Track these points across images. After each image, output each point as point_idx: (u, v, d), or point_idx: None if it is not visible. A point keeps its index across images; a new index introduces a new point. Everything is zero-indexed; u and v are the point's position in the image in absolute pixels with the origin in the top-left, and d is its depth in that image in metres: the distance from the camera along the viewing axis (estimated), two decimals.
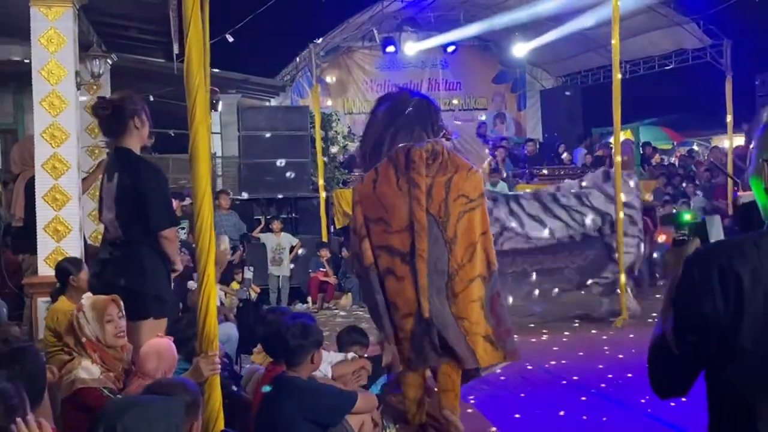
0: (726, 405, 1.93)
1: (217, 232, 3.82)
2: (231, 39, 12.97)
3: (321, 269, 12.07)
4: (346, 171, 14.78)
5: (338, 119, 16.45)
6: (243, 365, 6.58)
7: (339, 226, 13.14)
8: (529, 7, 15.18)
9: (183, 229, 9.92)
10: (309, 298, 12.15)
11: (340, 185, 14.01)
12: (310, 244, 12.45)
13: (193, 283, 5.83)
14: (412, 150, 5.91)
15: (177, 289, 6.17)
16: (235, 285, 10.38)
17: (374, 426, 4.82)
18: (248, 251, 11.87)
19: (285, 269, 12.23)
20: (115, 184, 4.43)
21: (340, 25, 16.38)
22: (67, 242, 6.55)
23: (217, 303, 4.33)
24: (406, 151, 5.96)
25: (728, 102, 14.34)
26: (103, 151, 9.01)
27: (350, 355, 5.52)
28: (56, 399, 3.74)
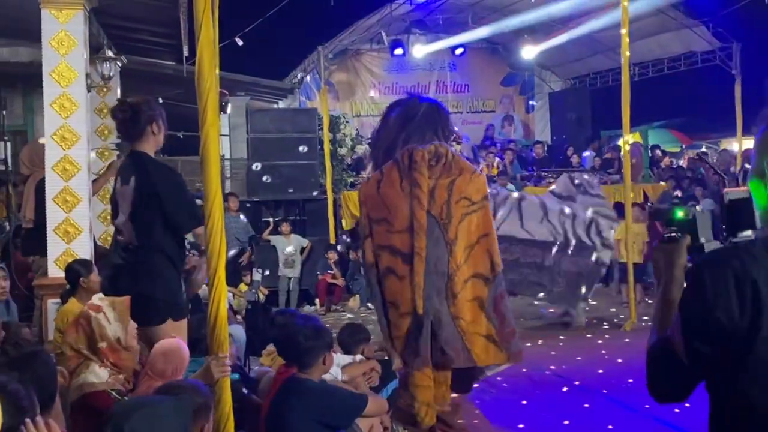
0: (730, 409, 1.89)
1: (226, 235, 3.80)
2: (240, 42, 13.00)
3: (329, 271, 12.08)
4: (354, 173, 14.78)
5: (346, 121, 16.46)
6: (251, 367, 6.58)
7: (347, 228, 13.16)
8: (538, 9, 15.17)
9: None
10: (317, 300, 12.15)
11: (348, 187, 14.01)
12: (318, 246, 12.46)
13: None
14: (414, 151, 5.98)
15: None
16: (243, 287, 10.39)
17: (383, 430, 4.82)
18: (257, 253, 11.89)
19: (297, 271, 12.25)
20: (132, 188, 4.42)
21: (349, 27, 16.39)
22: (78, 244, 6.56)
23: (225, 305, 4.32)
24: (410, 153, 5.99)
25: (737, 105, 14.30)
26: (113, 153, 9.04)
27: (358, 357, 5.52)
28: (65, 403, 3.73)
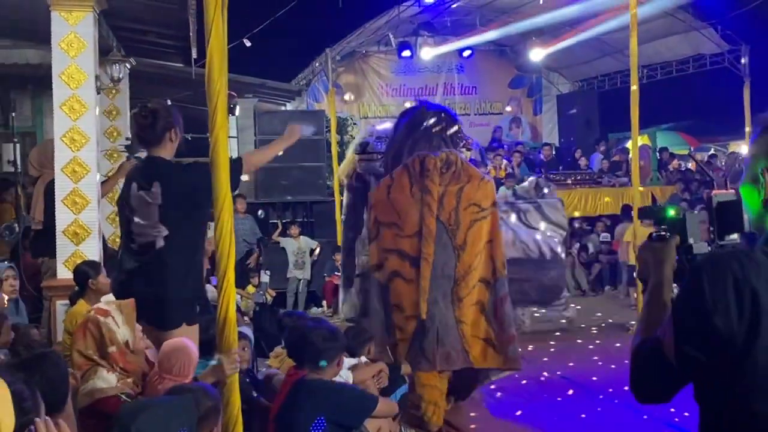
0: (728, 418, 1.86)
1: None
2: (248, 43, 13.03)
3: (336, 273, 12.07)
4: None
5: (354, 123, 16.47)
6: (258, 369, 6.60)
7: None
8: (546, 11, 15.16)
9: None
10: (324, 302, 12.16)
11: None
12: (326, 248, 12.47)
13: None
14: (426, 159, 6.15)
15: None
16: (251, 288, 10.41)
17: None
18: (265, 255, 11.91)
19: (307, 272, 12.28)
20: (159, 192, 4.43)
21: (357, 29, 16.41)
22: (86, 245, 6.59)
23: None
24: (422, 160, 6.18)
25: (746, 107, 14.26)
26: (122, 155, 9.07)
27: (363, 359, 5.54)
28: (74, 408, 3.74)
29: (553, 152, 17.20)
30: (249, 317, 9.08)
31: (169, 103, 11.04)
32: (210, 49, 3.58)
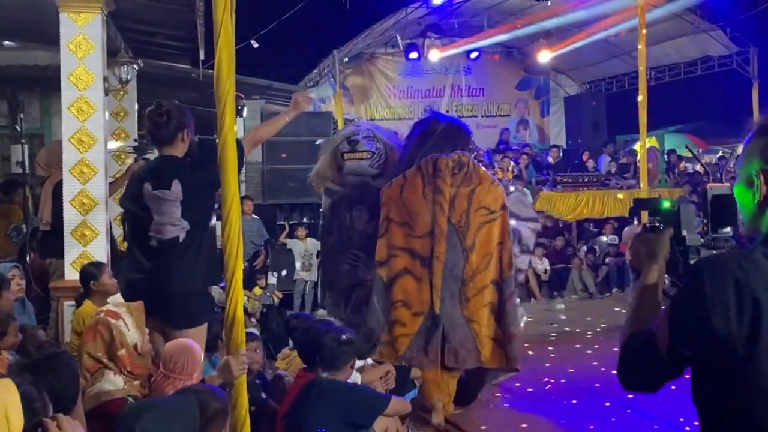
0: (728, 420, 1.85)
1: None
2: (256, 45, 13.05)
3: None
4: None
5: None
6: (266, 370, 6.59)
7: None
8: (554, 13, 15.14)
9: None
10: None
11: None
12: None
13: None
14: (439, 160, 6.36)
15: None
16: (258, 290, 10.42)
17: None
18: (272, 256, 11.91)
19: (314, 274, 12.26)
20: (180, 189, 4.47)
21: (364, 31, 16.41)
22: (94, 246, 6.59)
23: None
24: (434, 161, 6.38)
25: (755, 109, 14.24)
26: (130, 156, 9.08)
27: (369, 360, 5.55)
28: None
29: (561, 154, 17.17)
30: (256, 318, 9.10)
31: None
32: (218, 51, 3.59)
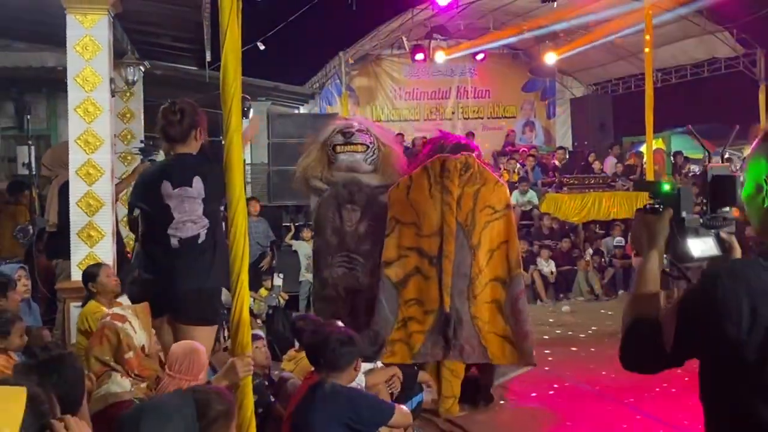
0: (738, 424, 1.86)
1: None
2: (262, 47, 13.07)
3: None
4: None
5: None
6: (272, 372, 6.60)
7: None
8: (560, 15, 15.12)
9: None
10: None
11: None
12: None
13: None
14: (447, 160, 6.47)
15: None
16: (263, 291, 10.41)
17: None
18: (278, 258, 11.91)
19: None
20: (202, 187, 4.48)
21: (370, 33, 16.41)
22: (100, 247, 6.61)
23: None
24: (442, 161, 6.52)
25: (761, 111, 14.19)
26: (136, 158, 9.09)
27: (379, 363, 5.55)
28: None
29: (567, 156, 17.14)
30: (261, 320, 9.10)
31: None
32: (225, 53, 3.60)
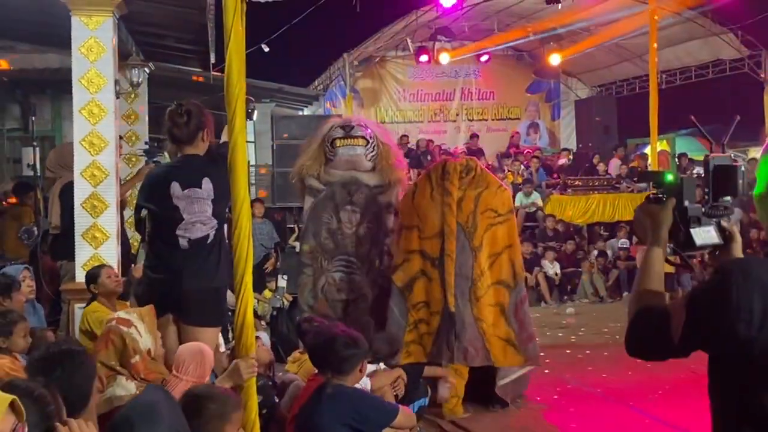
0: (742, 411, 1.87)
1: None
2: (267, 49, 13.09)
3: None
4: None
5: None
6: (276, 374, 6.60)
7: None
8: (564, 16, 15.12)
9: None
10: None
11: None
12: None
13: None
14: (448, 163, 6.50)
15: None
16: (267, 293, 10.41)
17: None
18: (282, 259, 11.91)
19: None
20: (211, 187, 4.51)
21: (374, 34, 16.44)
22: (105, 249, 6.61)
23: None
24: (443, 164, 6.59)
25: (766, 113, 14.16)
26: (140, 159, 9.11)
27: (382, 365, 5.56)
28: None
29: (571, 157, 17.15)
30: (266, 322, 9.10)
31: None
32: (229, 54, 3.61)
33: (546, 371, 7.65)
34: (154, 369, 3.92)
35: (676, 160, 16.47)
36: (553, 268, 12.90)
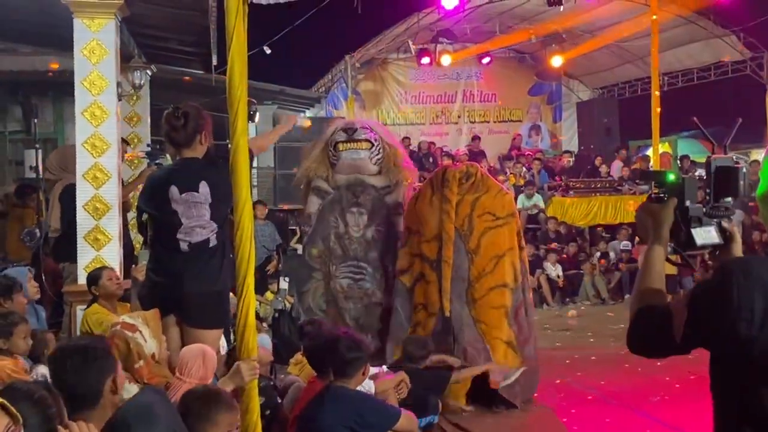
0: (752, 418, 1.88)
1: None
2: (269, 51, 13.08)
3: None
4: None
5: None
6: (278, 376, 6.59)
7: None
8: (566, 18, 15.12)
9: None
10: None
11: None
12: None
13: None
14: (447, 170, 6.59)
15: None
16: (269, 295, 10.41)
17: None
18: (284, 261, 11.91)
19: None
20: (208, 191, 4.50)
21: (376, 37, 16.43)
22: (107, 251, 6.61)
23: None
24: (443, 171, 6.72)
25: None
26: (142, 162, 9.11)
27: (384, 368, 5.56)
28: None
29: (573, 160, 17.14)
30: (267, 324, 9.09)
31: None
32: (231, 56, 3.60)
33: (549, 373, 7.63)
34: (158, 373, 3.92)
35: (678, 162, 16.46)
36: (555, 270, 12.89)
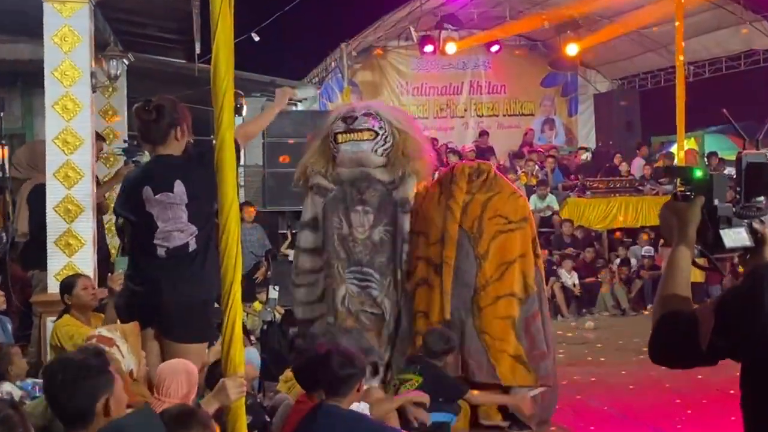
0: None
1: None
2: (257, 38, 13.09)
3: None
4: None
5: None
6: (267, 393, 6.59)
7: None
8: (583, 3, 15.13)
9: None
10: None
11: None
12: None
13: None
14: (455, 166, 6.77)
15: None
16: (257, 305, 10.40)
17: None
18: (273, 269, 11.90)
19: None
20: (183, 191, 4.48)
21: (375, 22, 16.43)
22: (80, 257, 6.59)
23: None
24: (452, 167, 6.80)
25: None
26: (119, 159, 9.10)
27: (374, 382, 5.60)
28: None
29: (590, 157, 17.14)
30: (255, 336, 9.08)
31: None
32: (216, 44, 3.60)
33: (564, 389, 7.62)
34: (136, 392, 3.90)
35: (705, 159, 16.46)
36: (570, 278, 12.89)
